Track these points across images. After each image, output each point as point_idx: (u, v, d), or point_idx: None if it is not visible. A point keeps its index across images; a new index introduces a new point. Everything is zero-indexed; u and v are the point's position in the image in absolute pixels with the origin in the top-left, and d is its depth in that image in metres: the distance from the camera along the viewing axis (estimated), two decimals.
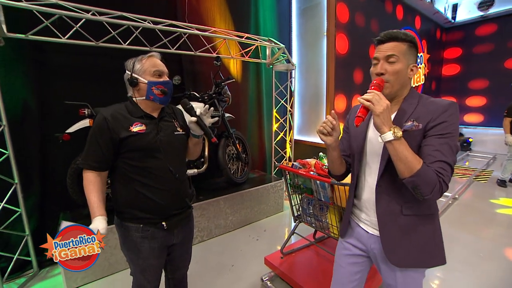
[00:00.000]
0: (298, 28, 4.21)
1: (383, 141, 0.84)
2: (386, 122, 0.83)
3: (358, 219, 1.10)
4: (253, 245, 2.59)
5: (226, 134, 2.95)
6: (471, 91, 7.13)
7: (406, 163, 0.82)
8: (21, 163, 2.03)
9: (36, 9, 1.84)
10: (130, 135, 1.09)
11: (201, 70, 3.15)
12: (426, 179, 0.82)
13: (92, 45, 2.18)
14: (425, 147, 0.87)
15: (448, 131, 0.86)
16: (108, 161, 1.11)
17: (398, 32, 0.92)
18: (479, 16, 6.57)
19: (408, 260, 0.95)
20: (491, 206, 3.50)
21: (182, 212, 1.24)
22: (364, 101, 0.84)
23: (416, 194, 0.85)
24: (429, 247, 0.97)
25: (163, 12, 2.71)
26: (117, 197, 1.16)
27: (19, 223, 2.06)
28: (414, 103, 0.94)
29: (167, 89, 1.16)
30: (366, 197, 1.04)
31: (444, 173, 0.83)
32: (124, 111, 1.14)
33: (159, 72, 1.15)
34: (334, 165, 1.11)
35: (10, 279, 2.05)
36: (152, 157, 1.12)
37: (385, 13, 5.20)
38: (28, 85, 2.15)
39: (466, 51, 7.15)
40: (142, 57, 1.16)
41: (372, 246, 1.04)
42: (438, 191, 0.83)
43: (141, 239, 1.15)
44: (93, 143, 1.09)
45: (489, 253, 2.39)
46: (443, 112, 0.87)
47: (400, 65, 0.91)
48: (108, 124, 1.07)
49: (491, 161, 5.85)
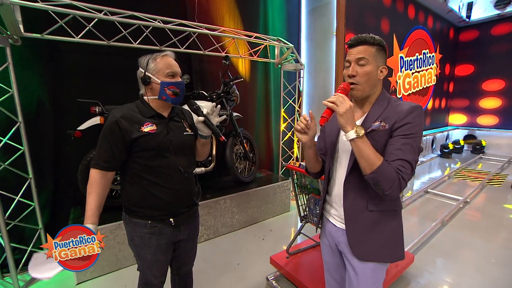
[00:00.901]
0: (307, 28, 4.18)
1: (347, 139, 0.90)
2: (349, 121, 0.88)
3: (329, 214, 1.16)
4: (259, 245, 2.60)
5: (233, 133, 2.96)
6: (485, 92, 6.92)
7: (367, 160, 0.88)
8: (35, 159, 2.10)
9: (51, 9, 1.90)
10: (142, 135, 1.10)
11: (209, 69, 3.17)
12: (386, 176, 0.88)
13: (103, 44, 2.22)
14: (389, 146, 0.94)
15: (412, 131, 0.92)
16: (118, 162, 1.12)
17: (367, 36, 0.98)
18: (496, 15, 6.36)
19: (371, 254, 1.01)
20: (504, 211, 3.39)
21: (189, 209, 1.27)
22: (328, 103, 0.90)
23: (377, 190, 0.91)
24: (391, 242, 1.03)
25: (173, 11, 2.75)
26: (126, 195, 1.17)
27: (33, 217, 2.12)
28: (384, 105, 1.00)
29: (180, 90, 1.17)
30: (336, 192, 1.10)
31: (403, 170, 0.89)
32: (135, 111, 1.15)
33: (172, 73, 1.15)
34: (310, 162, 1.15)
35: (23, 270, 2.12)
36: (162, 156, 1.14)
37: (396, 12, 5.11)
38: (42, 84, 2.21)
39: (480, 51, 6.94)
40: (156, 55, 1.15)
41: (339, 239, 1.10)
42: (398, 187, 0.89)
43: (149, 235, 1.16)
44: (104, 144, 1.10)
45: (501, 259, 2.32)
46: (408, 114, 0.93)
47: (370, 67, 0.96)
48: (120, 125, 1.08)
49: (505, 164, 5.67)
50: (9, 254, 1.88)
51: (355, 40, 0.98)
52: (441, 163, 6.00)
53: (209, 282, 2.05)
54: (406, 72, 5.70)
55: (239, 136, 2.97)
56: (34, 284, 2.04)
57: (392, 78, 5.36)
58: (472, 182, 4.46)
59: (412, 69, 5.85)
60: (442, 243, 2.59)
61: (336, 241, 1.11)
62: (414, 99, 6.19)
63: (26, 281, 2.02)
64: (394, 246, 1.03)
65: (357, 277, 1.04)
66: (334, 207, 1.12)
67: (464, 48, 7.30)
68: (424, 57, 6.19)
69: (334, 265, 1.19)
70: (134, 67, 1.21)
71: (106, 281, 2.06)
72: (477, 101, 7.12)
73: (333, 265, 1.19)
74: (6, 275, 2.06)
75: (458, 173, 5.06)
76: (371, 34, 1.00)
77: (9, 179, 2.02)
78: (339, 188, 1.07)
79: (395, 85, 5.47)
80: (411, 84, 5.92)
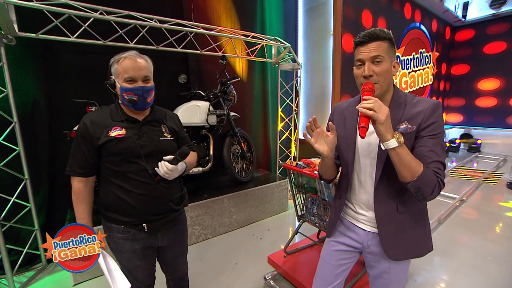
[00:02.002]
0: (304, 27, 4.18)
1: (386, 148, 0.83)
2: (389, 129, 0.81)
3: (355, 219, 1.11)
4: (257, 244, 2.60)
5: (231, 133, 2.95)
6: (481, 91, 6.98)
7: (409, 168, 0.83)
8: (30, 159, 2.08)
9: (46, 8, 1.88)
10: (108, 140, 1.06)
11: (207, 69, 3.16)
12: (427, 181, 0.83)
13: (99, 44, 2.21)
14: (420, 147, 0.88)
15: (439, 131, 0.88)
16: (92, 166, 1.10)
17: (378, 30, 0.90)
18: (491, 15, 6.41)
19: (404, 254, 1.01)
20: (500, 209, 3.43)
21: (165, 216, 1.19)
22: (367, 111, 0.80)
23: (417, 196, 0.86)
24: (422, 239, 1.03)
25: (170, 11, 2.74)
26: (100, 199, 1.16)
27: (29, 218, 2.11)
28: (403, 104, 0.94)
29: (137, 96, 1.07)
30: (362, 198, 1.05)
31: (440, 172, 0.85)
32: (106, 116, 1.11)
33: (130, 78, 1.06)
34: (327, 171, 1.09)
35: (19, 272, 2.11)
36: (131, 161, 1.09)
37: (393, 11, 5.14)
38: (37, 83, 2.19)
39: (476, 50, 6.99)
40: (119, 57, 1.08)
41: (369, 242, 1.06)
42: (437, 190, 0.85)
43: (123, 240, 1.14)
44: (77, 150, 1.07)
45: (496, 257, 2.34)
46: (433, 113, 0.89)
47: (386, 65, 0.90)
48: (88, 129, 1.06)
49: (501, 163, 5.72)
50: (4, 256, 1.86)
51: (366, 36, 0.90)
52: None
53: (206, 282, 2.04)
54: (403, 71, 5.73)
55: (236, 136, 2.97)
56: (30, 286, 2.02)
57: None
58: (468, 181, 4.49)
59: (408, 68, 5.87)
60: (438, 241, 2.61)
61: (365, 244, 1.07)
62: None
63: (22, 282, 2.00)
64: (425, 241, 1.03)
65: (389, 276, 1.04)
66: (360, 212, 1.08)
67: (460, 47, 7.36)
68: (421, 57, 6.22)
69: (336, 268, 1.13)
70: None
71: (102, 283, 2.05)
72: (473, 100, 7.18)
73: (335, 268, 1.13)
74: (2, 277, 2.04)
75: (454, 172, 5.10)
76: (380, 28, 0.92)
77: (4, 180, 2.00)
78: (365, 194, 1.03)
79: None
80: (407, 83, 5.94)
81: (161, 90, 2.81)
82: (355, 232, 1.09)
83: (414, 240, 1.01)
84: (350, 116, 1.05)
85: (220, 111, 2.79)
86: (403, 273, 1.07)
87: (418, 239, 1.02)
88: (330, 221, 1.19)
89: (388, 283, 1.05)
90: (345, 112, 1.08)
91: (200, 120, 2.63)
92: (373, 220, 1.03)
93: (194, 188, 2.94)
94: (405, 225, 0.99)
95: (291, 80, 3.76)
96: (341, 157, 1.09)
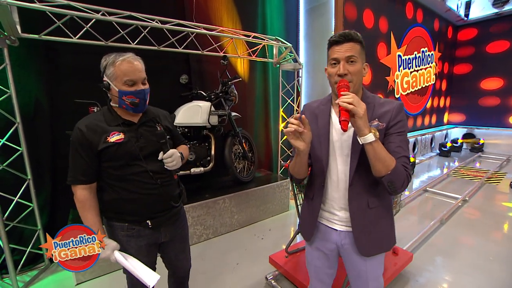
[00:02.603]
0: (305, 27, 4.18)
1: (364, 142, 0.86)
2: (366, 124, 0.86)
3: (328, 220, 1.12)
4: (258, 244, 2.60)
5: (232, 133, 2.96)
6: (484, 91, 6.93)
7: (384, 162, 0.88)
8: (33, 160, 2.10)
9: (48, 10, 1.89)
10: (108, 146, 1.05)
11: (208, 69, 3.17)
12: (399, 175, 0.89)
13: (101, 44, 2.22)
14: (389, 144, 0.94)
15: (404, 129, 0.96)
16: (95, 172, 1.09)
17: (352, 32, 0.94)
18: (494, 14, 6.37)
19: (375, 249, 1.05)
20: (503, 209, 3.40)
21: (167, 212, 1.22)
22: (347, 105, 0.82)
23: (389, 189, 0.91)
24: (388, 233, 1.08)
25: (171, 11, 2.74)
26: (102, 201, 1.15)
27: (32, 218, 2.12)
28: (371, 104, 0.99)
29: (139, 99, 1.07)
30: (335, 197, 1.07)
31: (408, 166, 0.92)
32: (101, 120, 1.09)
33: (131, 81, 1.05)
34: (301, 169, 1.06)
35: (22, 271, 2.13)
36: (132, 164, 1.09)
37: (395, 11, 5.12)
38: (40, 84, 2.21)
39: (479, 50, 6.95)
40: (115, 58, 1.04)
41: (343, 242, 1.08)
42: (406, 183, 0.92)
43: (127, 238, 1.14)
44: (76, 157, 1.05)
45: (499, 257, 2.33)
46: (399, 112, 0.96)
47: (359, 65, 0.95)
48: (85, 136, 1.04)
49: (504, 163, 5.68)
50: (8, 255, 1.87)
51: (341, 37, 0.94)
52: (440, 161, 6.01)
53: (208, 281, 2.05)
54: (405, 71, 5.65)
55: (237, 136, 2.97)
56: (33, 285, 2.04)
57: (390, 77, 5.29)
58: (471, 181, 4.47)
59: (410, 68, 5.80)
60: (441, 241, 2.60)
61: (339, 244, 1.09)
62: (413, 99, 6.14)
63: (25, 282, 2.02)
64: (391, 235, 1.09)
65: (366, 271, 1.07)
66: (332, 212, 1.09)
67: (463, 46, 7.31)
68: (423, 56, 6.15)
69: (325, 269, 1.17)
70: None
71: (105, 282, 2.06)
72: (475, 100, 7.13)
73: (325, 269, 1.17)
74: (5, 276, 2.06)
75: (457, 172, 5.08)
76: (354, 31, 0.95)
77: (7, 180, 2.01)
78: (337, 192, 1.05)
79: (393, 85, 5.40)
80: (409, 83, 5.87)
81: (163, 90, 2.85)
82: (331, 235, 1.11)
83: (384, 234, 1.06)
84: (322, 115, 1.07)
85: (221, 111, 2.80)
86: (379, 268, 1.11)
87: (387, 233, 1.07)
88: (305, 223, 1.18)
89: (368, 280, 1.08)
90: (316, 111, 1.10)
91: (202, 120, 2.64)
92: (344, 219, 1.06)
93: (196, 188, 2.94)
94: (375, 220, 1.04)
95: (292, 80, 3.76)
96: (314, 155, 1.09)
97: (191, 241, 2.56)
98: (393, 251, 2.10)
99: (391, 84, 5.34)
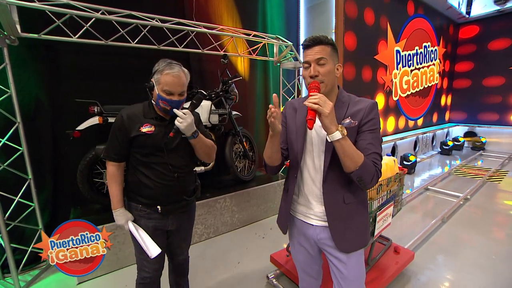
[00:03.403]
0: (306, 26, 4.16)
1: (332, 140, 0.90)
2: (333, 122, 0.89)
3: (303, 215, 1.15)
4: (259, 243, 2.60)
5: (233, 132, 2.95)
6: (485, 89, 6.88)
7: (352, 158, 0.91)
8: (34, 159, 2.09)
9: (48, 9, 1.89)
10: (139, 135, 1.22)
11: (208, 68, 3.16)
12: (368, 170, 0.93)
13: (101, 43, 2.21)
14: (360, 141, 0.99)
15: (376, 126, 1.00)
16: (125, 154, 1.27)
17: (321, 36, 1.00)
18: (495, 11, 6.32)
19: (353, 245, 1.07)
20: (505, 207, 3.39)
21: (177, 202, 1.34)
22: (313, 105, 0.88)
23: (360, 185, 0.95)
24: (363, 230, 1.11)
25: (171, 10, 2.73)
26: (126, 181, 1.33)
27: (33, 217, 2.13)
28: (346, 103, 1.05)
29: (170, 107, 1.22)
30: (310, 192, 1.10)
31: (378, 162, 0.96)
32: (140, 112, 1.26)
33: (169, 91, 1.20)
34: (275, 154, 1.10)
35: (24, 271, 2.13)
36: (155, 155, 1.24)
37: (395, 9, 5.08)
38: (40, 84, 2.21)
39: (480, 47, 6.90)
40: (164, 68, 1.20)
41: (319, 236, 1.11)
42: (376, 179, 0.96)
43: (139, 217, 1.30)
44: (113, 138, 1.25)
45: (501, 255, 2.32)
46: (372, 110, 1.00)
47: (329, 66, 1.00)
48: (124, 123, 1.22)
49: (506, 161, 5.66)
50: (9, 255, 1.88)
51: (311, 41, 1.00)
52: (441, 160, 5.99)
53: (209, 280, 2.05)
54: (404, 69, 5.17)
55: (238, 135, 2.96)
56: (35, 284, 2.04)
57: (387, 76, 4.72)
58: (472, 179, 4.45)
59: (411, 65, 5.32)
60: (442, 240, 2.59)
61: (315, 239, 1.12)
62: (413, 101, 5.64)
63: (26, 281, 2.02)
64: (366, 232, 1.12)
65: (346, 266, 1.08)
66: (308, 206, 1.12)
67: (464, 44, 7.26)
68: (425, 51, 5.66)
69: (309, 263, 1.21)
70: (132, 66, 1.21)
71: (106, 281, 2.06)
72: (477, 98, 7.09)
73: (308, 263, 1.21)
74: (7, 276, 2.07)
75: (458, 170, 5.06)
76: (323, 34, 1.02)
77: (8, 180, 2.02)
78: (313, 187, 1.09)
79: (390, 86, 4.83)
80: (409, 83, 5.34)
81: None
82: (308, 229, 1.14)
83: (360, 230, 1.09)
84: (300, 111, 1.13)
85: (222, 110, 2.79)
86: (360, 264, 1.11)
87: (363, 229, 1.10)
88: (281, 215, 1.23)
89: (347, 275, 1.09)
90: (296, 107, 1.16)
91: (202, 119, 2.62)
92: (320, 214, 1.09)
93: None
94: (351, 215, 1.07)
95: (293, 79, 3.75)
96: (291, 148, 1.14)
97: (192, 240, 2.56)
98: (394, 249, 2.09)
99: (388, 85, 4.74)
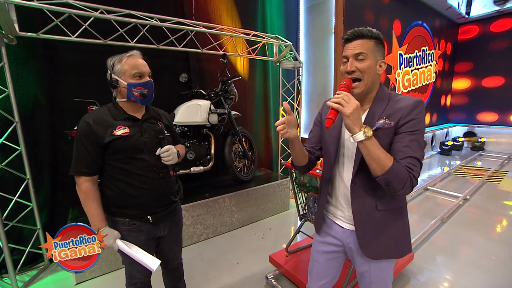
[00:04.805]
0: (305, 25, 4.16)
1: (355, 141, 0.86)
2: (356, 122, 0.84)
3: (333, 216, 1.13)
4: (258, 243, 2.59)
5: (232, 132, 2.95)
6: (485, 89, 6.89)
7: (378, 162, 0.85)
8: (32, 159, 2.09)
9: (46, 8, 1.88)
10: (114, 139, 1.11)
11: (207, 68, 3.15)
12: (397, 176, 0.85)
13: (100, 43, 2.21)
14: (396, 143, 0.91)
15: (417, 128, 0.90)
16: (98, 165, 1.14)
17: (364, 29, 0.93)
18: (495, 11, 6.33)
19: (382, 253, 1.01)
20: (505, 207, 3.39)
21: (167, 207, 1.28)
22: (333, 104, 0.84)
23: (389, 191, 0.88)
24: (399, 239, 1.02)
25: (170, 10, 2.73)
26: (104, 195, 1.19)
27: (31, 217, 2.12)
28: (385, 101, 0.97)
29: (147, 90, 1.16)
30: (341, 194, 1.07)
31: (414, 168, 0.86)
32: (107, 115, 1.15)
33: (139, 73, 1.14)
34: (298, 155, 1.09)
35: (22, 271, 2.12)
36: (136, 158, 1.15)
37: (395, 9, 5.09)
38: (39, 83, 2.19)
39: (480, 47, 6.91)
40: (122, 56, 1.14)
41: (347, 240, 1.08)
42: (409, 186, 0.87)
43: (128, 232, 1.19)
44: (80, 150, 1.10)
45: (501, 256, 2.32)
46: (412, 110, 0.90)
47: (369, 62, 0.92)
48: (91, 129, 1.09)
49: (505, 161, 5.67)
50: (7, 255, 1.87)
51: (352, 34, 0.93)
52: (440, 160, 5.99)
53: (208, 281, 2.04)
54: (406, 69, 5.69)
55: (237, 135, 2.96)
56: (33, 285, 2.03)
57: (392, 75, 5.34)
58: (472, 179, 4.46)
59: (411, 66, 5.84)
60: (442, 240, 2.59)
61: (344, 242, 1.09)
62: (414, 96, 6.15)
63: (24, 281, 2.01)
64: (403, 242, 1.03)
65: (371, 274, 1.04)
66: (340, 209, 1.09)
67: (464, 44, 7.27)
68: (424, 54, 6.17)
69: (326, 266, 1.16)
70: None
71: (104, 281, 2.06)
72: (476, 98, 7.10)
73: (326, 266, 1.16)
74: (5, 276, 2.06)
75: (457, 170, 5.06)
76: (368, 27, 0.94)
77: (6, 180, 2.01)
78: (344, 190, 1.05)
79: (394, 83, 5.46)
80: (410, 81, 5.90)
81: (162, 89, 2.83)
82: (335, 230, 1.12)
83: (392, 239, 1.01)
84: None
85: (221, 110, 2.78)
86: (386, 273, 1.06)
87: (397, 239, 1.02)
88: (316, 214, 1.21)
89: (370, 282, 1.06)
90: None
91: (201, 119, 2.62)
92: (349, 217, 1.05)
93: (196, 187, 2.93)
94: (383, 223, 1.00)
95: (292, 79, 3.75)
96: (325, 149, 1.11)
97: (191, 240, 2.56)
98: None
99: (392, 82, 5.41)
